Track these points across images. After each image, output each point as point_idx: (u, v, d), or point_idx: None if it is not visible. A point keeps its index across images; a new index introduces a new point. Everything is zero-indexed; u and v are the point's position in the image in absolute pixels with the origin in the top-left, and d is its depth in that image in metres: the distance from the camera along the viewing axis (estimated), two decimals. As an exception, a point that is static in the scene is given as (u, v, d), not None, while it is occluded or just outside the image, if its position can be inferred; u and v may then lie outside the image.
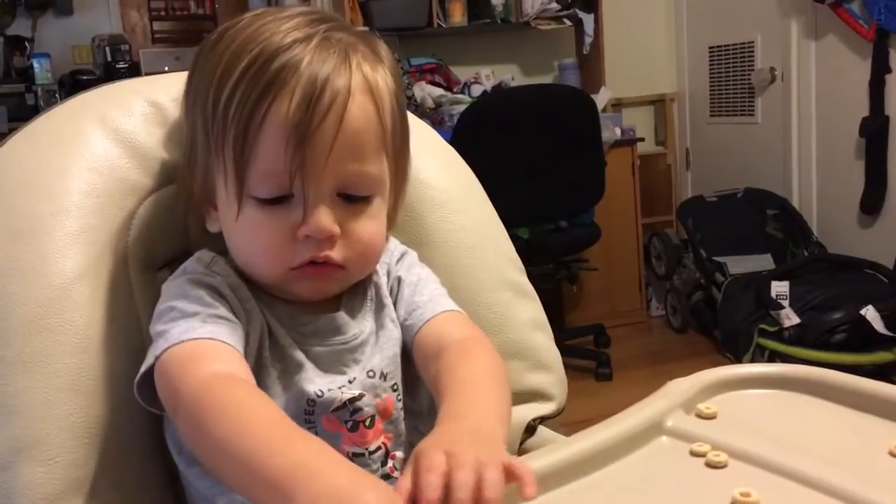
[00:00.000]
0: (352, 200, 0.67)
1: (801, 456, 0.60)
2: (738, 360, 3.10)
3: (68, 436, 0.67)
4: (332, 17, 0.70)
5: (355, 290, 0.75)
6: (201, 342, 0.63)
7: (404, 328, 0.75)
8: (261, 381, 0.67)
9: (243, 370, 0.63)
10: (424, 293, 0.76)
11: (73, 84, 3.65)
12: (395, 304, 0.76)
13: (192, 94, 0.70)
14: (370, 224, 0.69)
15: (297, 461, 0.51)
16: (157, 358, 0.63)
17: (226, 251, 0.72)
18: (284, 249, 0.66)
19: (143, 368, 0.64)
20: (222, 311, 0.66)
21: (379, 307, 0.76)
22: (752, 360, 3.03)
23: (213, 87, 0.66)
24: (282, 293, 0.71)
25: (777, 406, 0.70)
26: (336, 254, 0.67)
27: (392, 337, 0.74)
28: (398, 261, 0.79)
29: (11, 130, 0.79)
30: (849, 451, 0.63)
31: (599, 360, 3.15)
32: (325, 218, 0.65)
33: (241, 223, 0.67)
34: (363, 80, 0.66)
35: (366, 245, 0.69)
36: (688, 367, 0.74)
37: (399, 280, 0.77)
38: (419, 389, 0.75)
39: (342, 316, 0.73)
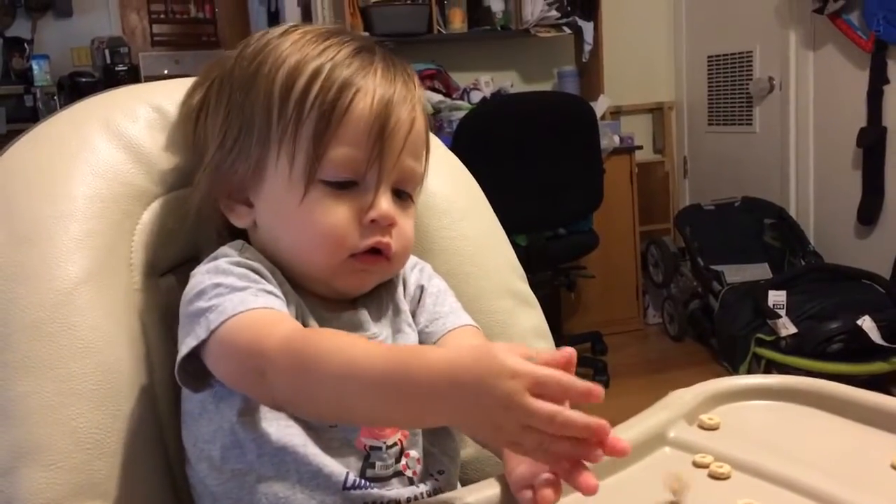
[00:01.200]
0: (401, 197, 0.72)
1: (804, 468, 0.60)
2: (734, 368, 3.11)
3: (70, 441, 0.67)
4: (361, 37, 0.76)
5: (372, 293, 0.76)
6: (263, 311, 0.64)
7: (424, 335, 0.77)
8: None
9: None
10: (445, 305, 0.79)
11: (71, 86, 3.65)
12: (416, 311, 0.78)
13: (240, 90, 0.71)
14: (411, 221, 0.74)
15: (426, 362, 0.53)
16: (212, 332, 0.62)
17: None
18: (350, 232, 0.69)
19: (192, 344, 0.63)
20: (270, 286, 0.67)
21: (396, 312, 0.77)
22: (749, 369, 3.04)
23: (282, 81, 0.69)
24: (313, 286, 0.72)
25: (779, 417, 0.70)
26: (395, 243, 0.71)
27: (409, 341, 0.76)
28: (414, 269, 0.81)
29: (10, 132, 0.80)
30: (851, 463, 0.63)
31: (596, 368, 3.16)
32: (390, 205, 0.70)
33: (306, 206, 0.68)
34: (420, 95, 0.74)
35: (408, 240, 0.73)
36: (685, 376, 0.74)
37: (422, 289, 0.79)
38: None
39: (364, 314, 0.75)
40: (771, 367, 2.97)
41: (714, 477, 0.61)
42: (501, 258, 0.95)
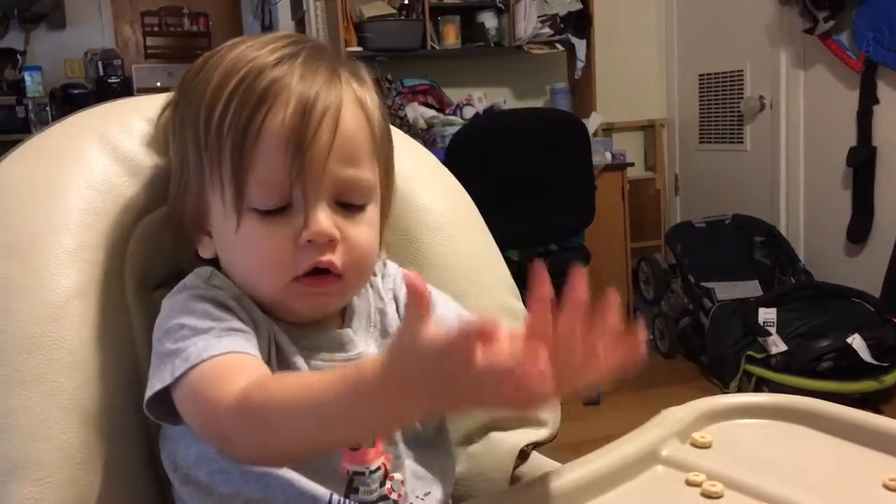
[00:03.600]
0: (348, 208, 0.68)
1: (797, 487, 0.60)
2: (725, 386, 3.11)
3: (60, 456, 0.66)
4: (313, 40, 0.72)
5: (359, 312, 0.75)
6: (225, 358, 0.62)
7: None
8: None
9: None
10: (450, 312, 0.77)
11: (64, 98, 3.64)
12: None
13: (178, 119, 0.71)
14: (366, 230, 0.69)
15: (369, 375, 0.51)
16: (176, 379, 0.62)
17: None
18: (287, 258, 0.66)
19: (157, 387, 0.63)
20: (234, 322, 0.66)
21: (383, 334, 0.76)
22: (739, 387, 3.04)
23: (205, 107, 0.67)
24: (281, 313, 0.71)
25: (772, 436, 0.70)
26: (337, 259, 0.67)
27: None
28: (399, 283, 0.79)
29: (1, 143, 0.79)
30: (843, 483, 0.63)
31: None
32: (325, 221, 0.66)
33: (242, 236, 0.67)
34: (352, 93, 0.68)
35: (363, 251, 0.69)
36: (675, 393, 0.74)
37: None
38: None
39: (347, 333, 0.73)
40: (761, 385, 2.97)
41: (707, 496, 0.61)
42: (496, 275, 0.94)
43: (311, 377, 0.60)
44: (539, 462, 0.88)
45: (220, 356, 0.62)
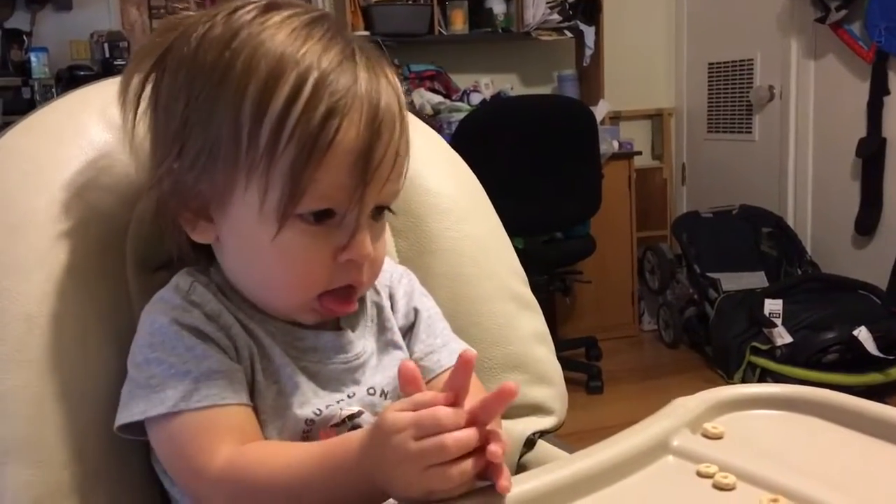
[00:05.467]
0: (377, 215, 0.67)
1: (811, 479, 0.59)
2: (729, 377, 3.10)
3: (59, 438, 0.65)
4: (325, 16, 0.67)
5: (357, 309, 0.73)
6: (207, 413, 0.61)
7: (419, 366, 0.73)
8: (256, 407, 0.65)
9: (253, 428, 0.64)
10: (437, 336, 0.76)
11: (69, 79, 3.62)
12: (410, 335, 0.76)
13: (204, 98, 0.62)
14: (384, 240, 0.70)
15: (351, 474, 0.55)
16: (147, 418, 0.62)
17: (208, 264, 0.70)
18: (324, 272, 0.64)
19: (125, 420, 0.63)
20: (213, 360, 0.63)
21: (381, 330, 0.74)
22: (744, 378, 3.03)
23: (252, 100, 0.60)
24: (291, 315, 0.69)
25: (784, 428, 0.69)
26: (364, 277, 0.67)
27: (395, 359, 0.73)
28: (402, 281, 0.78)
29: (7, 124, 0.78)
30: (858, 475, 0.62)
31: (591, 373, 3.14)
32: (368, 244, 0.64)
33: (279, 244, 0.62)
34: (400, 100, 0.66)
35: (380, 265, 0.70)
36: (679, 383, 0.73)
37: (416, 312, 0.76)
38: None
39: (346, 334, 0.71)
40: (765, 376, 2.96)
41: (718, 488, 0.59)
42: (503, 260, 0.93)
43: (295, 452, 0.60)
44: (545, 450, 0.87)
45: (201, 410, 0.61)
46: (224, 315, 0.66)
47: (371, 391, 0.70)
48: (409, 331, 0.76)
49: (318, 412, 0.67)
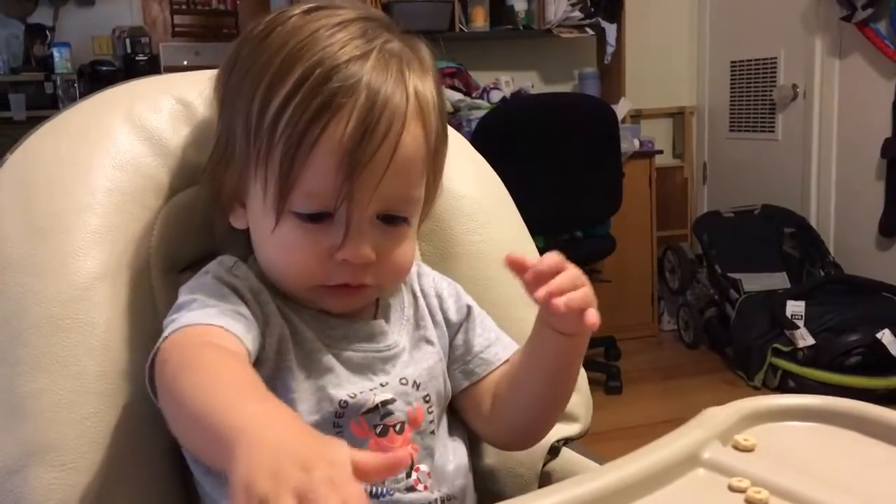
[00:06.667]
0: (391, 221, 0.66)
1: (846, 497, 0.57)
2: (749, 378, 3.07)
3: (83, 441, 0.65)
4: (383, 22, 0.69)
5: (393, 304, 0.75)
6: (211, 328, 0.61)
7: (479, 360, 0.76)
8: (287, 385, 0.66)
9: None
10: (490, 328, 0.78)
11: (92, 74, 3.64)
12: (461, 329, 0.77)
13: (232, 90, 0.67)
14: (404, 247, 0.69)
15: (249, 417, 0.49)
16: (164, 338, 0.61)
17: (250, 252, 0.71)
18: (319, 269, 0.66)
19: (150, 357, 0.62)
20: (242, 309, 0.65)
21: (416, 327, 0.75)
22: (765, 380, 3.00)
23: (261, 94, 0.63)
24: (310, 303, 0.70)
25: (818, 440, 0.67)
26: (369, 279, 0.67)
27: (427, 353, 0.74)
28: (443, 283, 0.79)
29: (29, 118, 0.78)
30: (891, 491, 0.60)
31: (609, 373, 3.12)
32: (364, 246, 0.64)
33: (278, 237, 0.65)
34: (416, 102, 0.65)
35: (399, 269, 0.70)
36: (698, 384, 0.71)
37: (469, 308, 0.78)
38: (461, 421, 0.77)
39: (380, 324, 0.72)
40: (787, 378, 2.94)
41: (751, 503, 0.58)
42: (528, 264, 0.92)
43: (239, 384, 0.55)
44: (570, 458, 0.86)
45: (208, 326, 0.61)
46: (263, 293, 0.68)
47: (403, 381, 0.70)
48: (460, 326, 0.77)
49: (352, 395, 0.67)
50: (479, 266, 0.87)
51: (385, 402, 0.68)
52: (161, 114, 0.77)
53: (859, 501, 0.57)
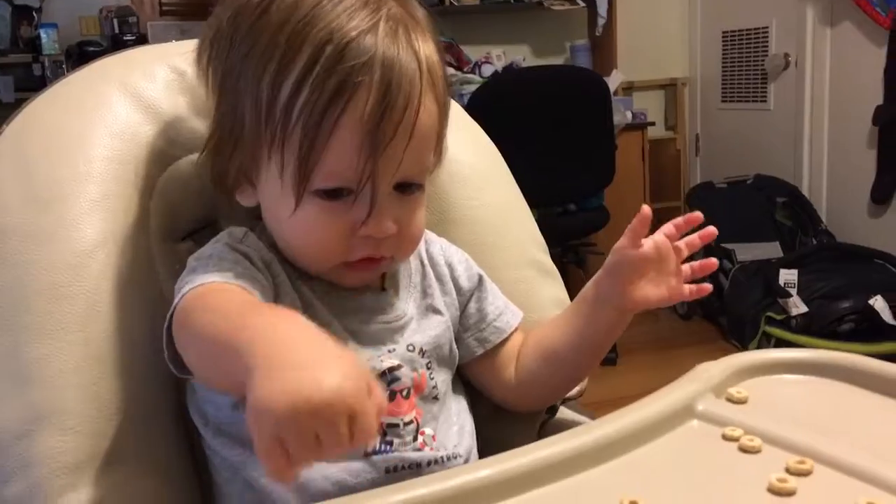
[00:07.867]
0: (405, 190, 0.67)
1: (837, 443, 0.59)
2: (744, 347, 3.09)
3: (89, 405, 0.66)
4: None
5: (400, 273, 0.76)
6: (227, 285, 0.61)
7: (493, 328, 0.78)
8: None
9: None
10: (499, 296, 0.81)
11: (79, 55, 3.61)
12: (472, 296, 0.78)
13: (234, 69, 0.65)
14: (419, 215, 0.69)
15: (262, 329, 0.50)
16: (183, 296, 0.61)
17: (256, 223, 0.71)
18: (342, 245, 0.66)
19: (168, 318, 0.61)
20: (258, 275, 0.65)
21: (423, 295, 0.76)
22: (759, 348, 3.02)
23: (270, 75, 0.62)
24: (324, 277, 0.70)
25: (809, 392, 0.69)
26: (389, 251, 0.68)
27: (434, 322, 0.75)
28: (451, 249, 0.80)
29: (18, 101, 0.78)
30: (884, 438, 0.62)
31: (605, 345, 3.14)
32: (386, 220, 0.65)
33: (299, 217, 0.65)
34: (427, 71, 0.64)
35: (415, 237, 0.71)
36: (693, 354, 0.73)
37: (480, 277, 0.80)
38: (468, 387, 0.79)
39: (388, 295, 0.73)
40: (781, 346, 2.96)
41: (744, 450, 0.60)
42: (524, 228, 0.93)
43: (246, 304, 0.58)
44: (567, 416, 0.87)
45: (225, 283, 0.61)
46: (274, 264, 0.68)
47: (410, 348, 0.72)
48: (472, 294, 0.79)
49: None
50: (476, 231, 0.88)
51: (392, 369, 0.69)
52: (156, 83, 0.78)
53: (850, 447, 0.58)
